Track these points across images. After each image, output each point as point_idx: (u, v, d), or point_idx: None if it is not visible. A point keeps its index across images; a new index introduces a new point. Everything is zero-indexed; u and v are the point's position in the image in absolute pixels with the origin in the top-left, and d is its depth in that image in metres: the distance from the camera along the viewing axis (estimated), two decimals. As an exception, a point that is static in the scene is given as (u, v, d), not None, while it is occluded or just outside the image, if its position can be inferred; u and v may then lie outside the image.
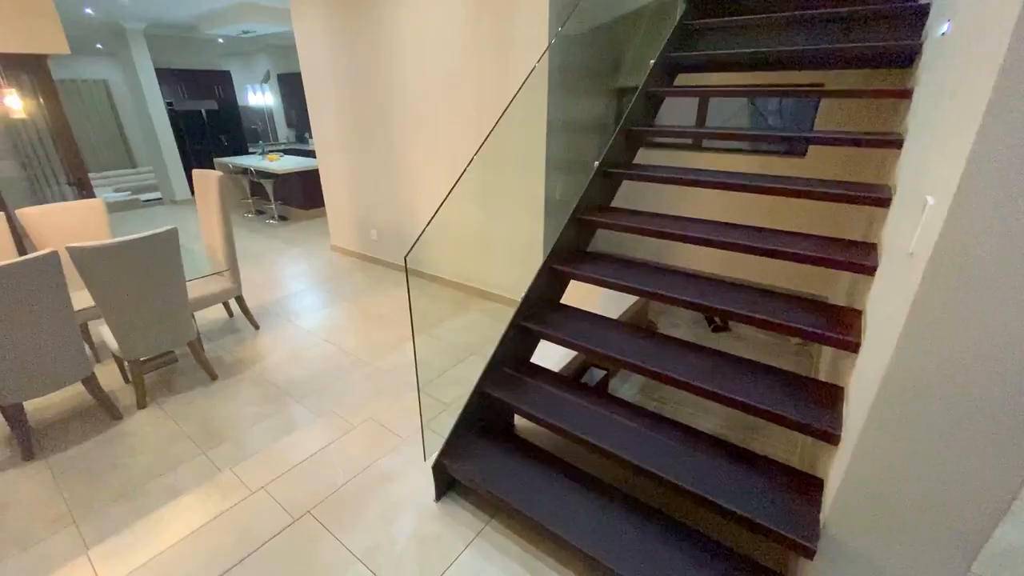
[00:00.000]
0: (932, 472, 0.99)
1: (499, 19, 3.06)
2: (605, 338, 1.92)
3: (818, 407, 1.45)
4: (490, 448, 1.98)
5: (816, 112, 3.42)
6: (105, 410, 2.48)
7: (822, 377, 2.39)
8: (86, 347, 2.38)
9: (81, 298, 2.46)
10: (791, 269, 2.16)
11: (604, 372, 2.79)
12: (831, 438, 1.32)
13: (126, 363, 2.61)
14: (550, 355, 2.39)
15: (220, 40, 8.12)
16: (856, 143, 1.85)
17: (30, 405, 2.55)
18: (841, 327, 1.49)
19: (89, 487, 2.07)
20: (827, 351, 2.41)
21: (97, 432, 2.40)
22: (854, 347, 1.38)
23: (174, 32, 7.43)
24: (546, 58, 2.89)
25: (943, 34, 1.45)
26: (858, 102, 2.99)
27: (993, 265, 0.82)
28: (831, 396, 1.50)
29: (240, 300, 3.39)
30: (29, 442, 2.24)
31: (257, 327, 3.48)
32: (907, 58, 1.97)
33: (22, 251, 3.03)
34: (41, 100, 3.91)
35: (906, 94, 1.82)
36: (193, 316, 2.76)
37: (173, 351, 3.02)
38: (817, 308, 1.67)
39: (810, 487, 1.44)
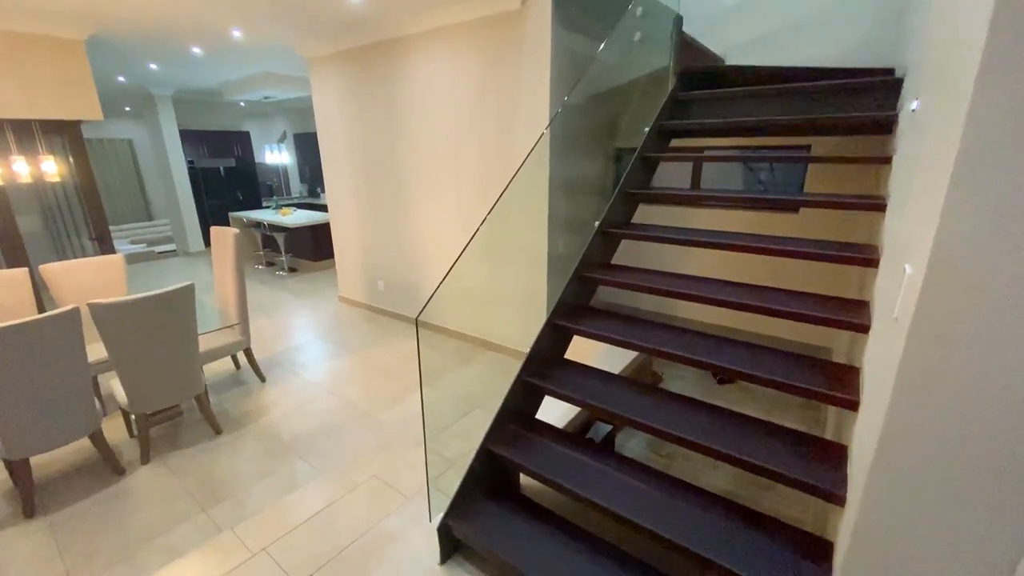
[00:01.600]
0: (937, 536, 0.99)
1: (503, 87, 3.30)
2: (610, 394, 1.94)
3: (823, 467, 1.45)
4: (496, 508, 1.95)
5: (806, 170, 3.60)
6: (108, 465, 2.47)
7: (829, 432, 2.37)
8: (95, 400, 2.41)
9: (93, 350, 2.52)
10: (793, 322, 2.21)
11: (610, 426, 2.78)
12: (836, 499, 1.31)
13: (133, 417, 2.62)
14: (555, 408, 2.40)
15: (242, 104, 8.65)
16: (843, 206, 1.95)
17: (34, 459, 2.54)
18: (841, 386, 1.52)
19: (89, 546, 2.03)
20: (832, 407, 2.40)
21: (99, 488, 2.38)
22: (853, 406, 1.40)
23: (199, 97, 7.95)
24: (548, 116, 3.09)
25: (913, 110, 1.58)
26: (845, 163, 3.14)
27: (969, 335, 0.87)
28: (836, 455, 1.51)
29: (248, 352, 3.44)
30: (32, 499, 2.22)
31: (263, 379, 3.50)
32: (886, 127, 2.12)
33: (40, 305, 3.13)
34: (71, 160, 4.15)
35: (886, 160, 1.94)
36: (202, 369, 2.80)
37: (179, 404, 3.03)
38: (817, 365, 1.70)
39: (820, 550, 1.41)
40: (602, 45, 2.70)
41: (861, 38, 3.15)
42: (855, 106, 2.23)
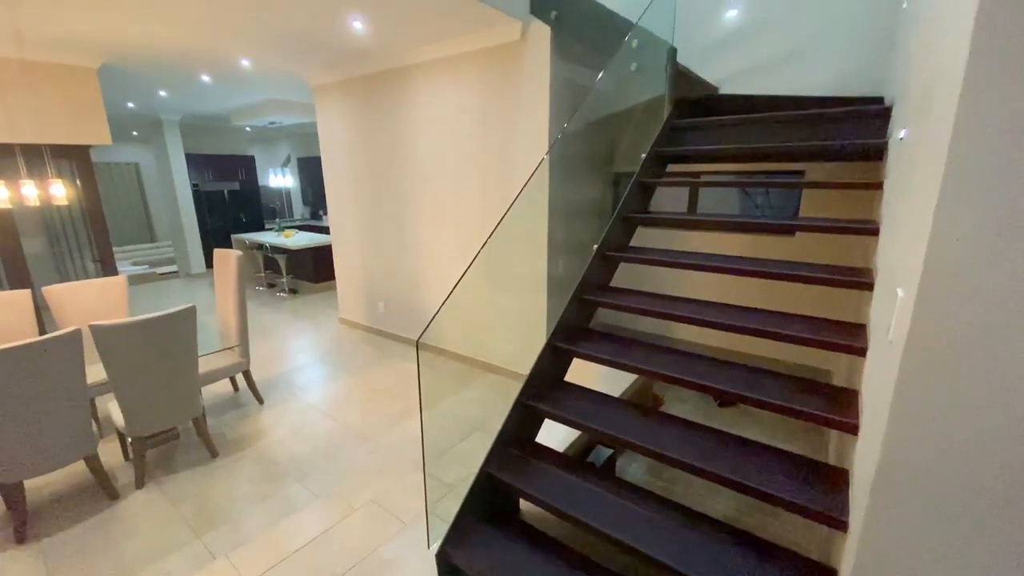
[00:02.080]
0: (939, 562, 0.98)
1: (504, 114, 3.39)
2: (610, 418, 1.94)
3: (825, 492, 1.44)
4: (495, 535, 1.92)
5: (800, 195, 3.66)
6: (103, 489, 2.44)
7: (831, 456, 2.35)
8: (93, 423, 2.39)
9: (92, 372, 2.51)
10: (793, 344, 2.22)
11: (611, 450, 2.75)
12: (838, 524, 1.30)
13: (129, 440, 2.60)
14: (556, 431, 2.38)
15: (247, 129, 8.84)
16: (837, 230, 1.98)
17: (28, 483, 2.51)
18: (840, 409, 1.52)
19: (80, 573, 1.99)
20: (834, 430, 2.39)
21: (92, 513, 2.34)
22: (853, 429, 1.40)
23: (206, 122, 8.13)
24: (548, 143, 3.16)
25: (901, 138, 1.63)
26: (838, 189, 3.20)
27: (963, 358, 0.88)
28: (838, 479, 1.50)
29: (247, 375, 3.43)
30: (24, 524, 2.18)
31: (262, 402, 3.48)
32: (877, 154, 2.17)
33: (41, 327, 3.13)
34: (79, 184, 4.22)
35: (878, 186, 1.99)
36: (200, 391, 2.79)
37: (176, 427, 3.01)
38: (817, 388, 1.70)
39: (826, 578, 1.39)
40: (600, 75, 2.78)
41: (851, 68, 3.26)
42: (846, 133, 2.29)
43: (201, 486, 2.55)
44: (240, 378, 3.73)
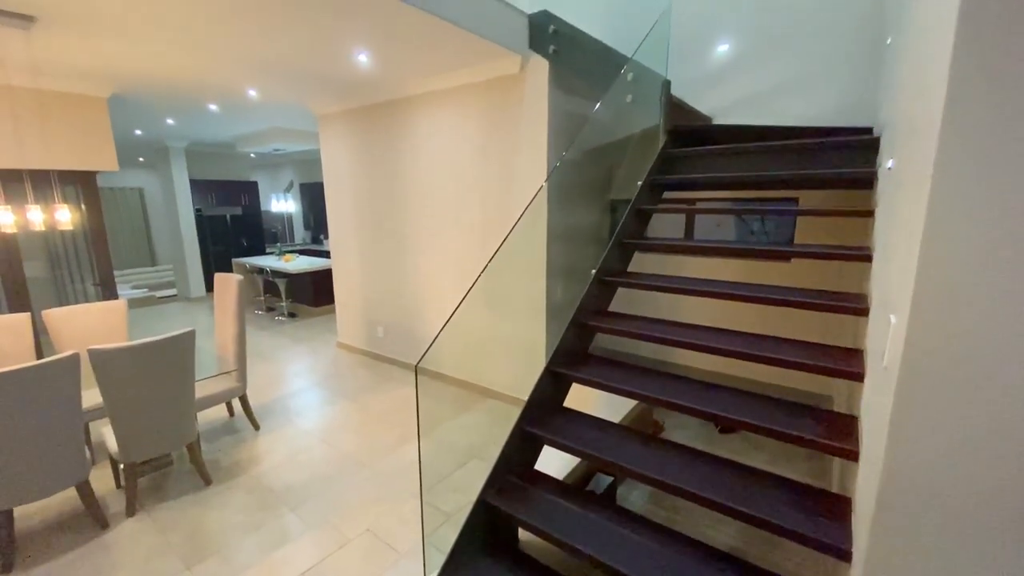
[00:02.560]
0: (946, 594, 0.96)
1: (503, 142, 3.48)
2: (610, 444, 1.92)
3: (829, 521, 1.42)
4: (493, 566, 1.88)
5: (795, 221, 3.71)
6: (93, 517, 2.38)
7: (835, 484, 2.32)
8: (86, 449, 2.36)
9: (87, 397, 2.49)
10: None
11: (611, 478, 2.71)
12: (842, 554, 1.28)
13: (121, 466, 2.56)
14: (555, 458, 2.35)
15: (252, 155, 9.02)
16: (831, 256, 2.01)
17: (17, 510, 2.46)
18: (841, 435, 1.52)
19: (62, 609, 1.93)
20: (836, 457, 2.36)
21: (81, 542, 2.28)
22: (854, 456, 1.39)
23: (211, 149, 8.29)
24: (546, 171, 3.23)
25: (889, 168, 1.67)
26: (831, 216, 3.26)
27: (957, 385, 0.89)
28: (841, 508, 1.48)
29: (244, 399, 3.40)
30: (11, 553, 2.13)
31: (257, 427, 3.44)
32: (867, 182, 2.22)
33: (39, 350, 3.13)
34: (84, 208, 4.27)
35: (869, 214, 2.03)
36: (196, 417, 2.76)
37: (170, 453, 2.96)
38: (818, 414, 1.70)
39: (832, 612, 1.36)
40: (596, 106, 2.87)
41: (841, 99, 3.36)
42: (838, 162, 2.35)
43: (193, 515, 2.49)
44: (236, 403, 3.69)
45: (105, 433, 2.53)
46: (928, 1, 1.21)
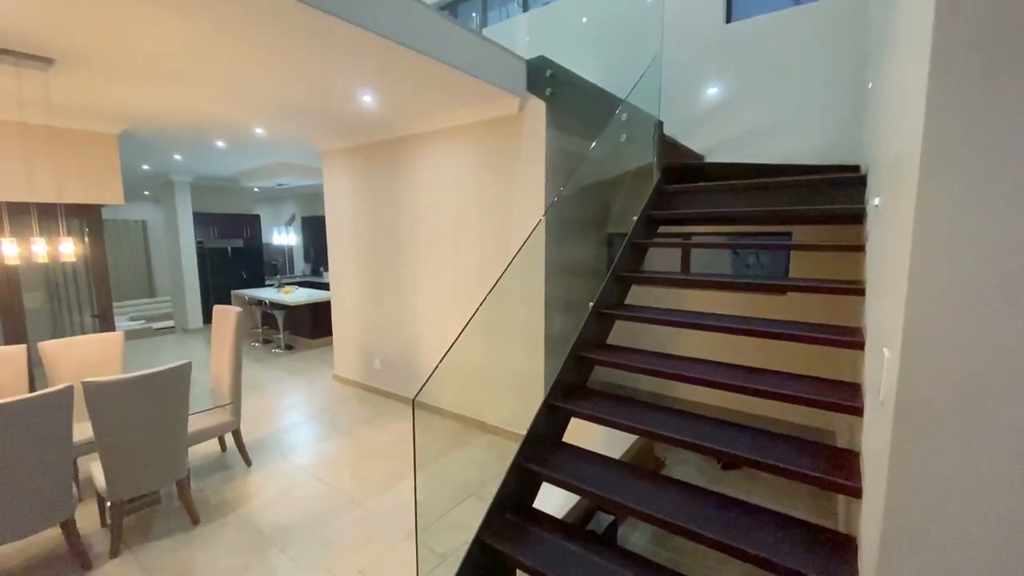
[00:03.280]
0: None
1: (502, 179, 3.57)
2: (611, 481, 1.88)
3: (834, 560, 1.38)
4: (489, 609, 1.80)
5: (789, 255, 3.77)
6: (76, 557, 2.30)
7: (840, 522, 2.26)
8: (73, 486, 2.30)
9: (77, 431, 2.44)
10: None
11: (612, 517, 2.63)
12: (851, 598, 1.24)
13: (108, 503, 2.48)
14: (554, 495, 2.30)
15: (255, 189, 9.19)
16: (825, 290, 2.04)
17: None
18: (843, 471, 1.50)
19: (36, 659, 1.83)
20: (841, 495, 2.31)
21: (60, 587, 2.19)
22: (857, 493, 1.37)
23: (216, 183, 8.46)
24: (544, 206, 3.30)
25: (876, 205, 1.73)
26: (823, 251, 3.31)
27: (954, 419, 0.90)
28: (847, 548, 1.44)
29: (236, 434, 3.34)
30: (-16, 599, 2.04)
31: (249, 463, 3.36)
32: (857, 218, 2.28)
33: (32, 383, 3.09)
34: (87, 241, 4.31)
35: (860, 248, 2.07)
36: (187, 452, 2.71)
37: (158, 491, 2.88)
38: (820, 450, 1.68)
39: (843, 661, 1.30)
40: (592, 144, 2.97)
41: (830, 137, 3.48)
42: (827, 199, 2.42)
43: (179, 556, 2.40)
44: (229, 437, 3.62)
45: (93, 468, 2.47)
46: (903, 50, 1.29)
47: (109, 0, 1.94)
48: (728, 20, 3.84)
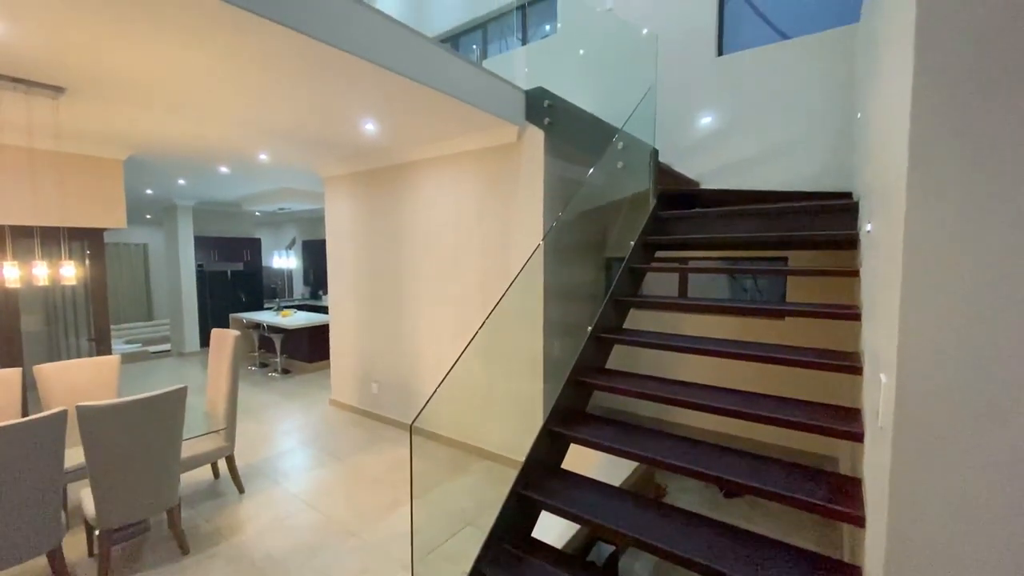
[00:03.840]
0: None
1: (501, 205, 3.62)
2: (611, 509, 1.85)
3: (840, 592, 1.35)
4: (486, 645, 1.74)
5: (786, 280, 3.79)
6: (58, 592, 2.22)
7: (847, 548, 2.21)
8: (62, 513, 2.25)
9: (68, 456, 2.40)
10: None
11: (613, 547, 2.57)
12: (858, 632, 1.21)
13: (96, 532, 2.42)
14: (553, 524, 2.25)
15: (257, 213, 9.29)
16: (822, 315, 2.05)
17: (-25, 586, 2.29)
18: (846, 499, 1.48)
19: None
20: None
21: (41, 622, 2.12)
22: (860, 522, 1.35)
23: (218, 207, 8.55)
24: (542, 231, 3.34)
25: (868, 231, 1.76)
26: (818, 276, 3.34)
27: (949, 440, 0.90)
28: (852, 579, 1.41)
29: (230, 460, 3.28)
30: (-38, 635, 1.97)
31: (242, 490, 3.29)
32: (851, 243, 2.31)
33: (25, 407, 3.05)
34: (88, 264, 4.33)
35: (855, 274, 2.09)
36: (179, 479, 2.65)
37: (148, 519, 2.81)
38: (822, 477, 1.66)
39: None
40: (590, 171, 3.03)
41: (822, 165, 3.55)
42: (821, 225, 2.45)
43: (166, 588, 2.33)
44: (222, 464, 3.55)
45: (83, 496, 2.42)
46: (887, 81, 1.34)
47: (123, 32, 2.02)
48: (720, 53, 3.98)
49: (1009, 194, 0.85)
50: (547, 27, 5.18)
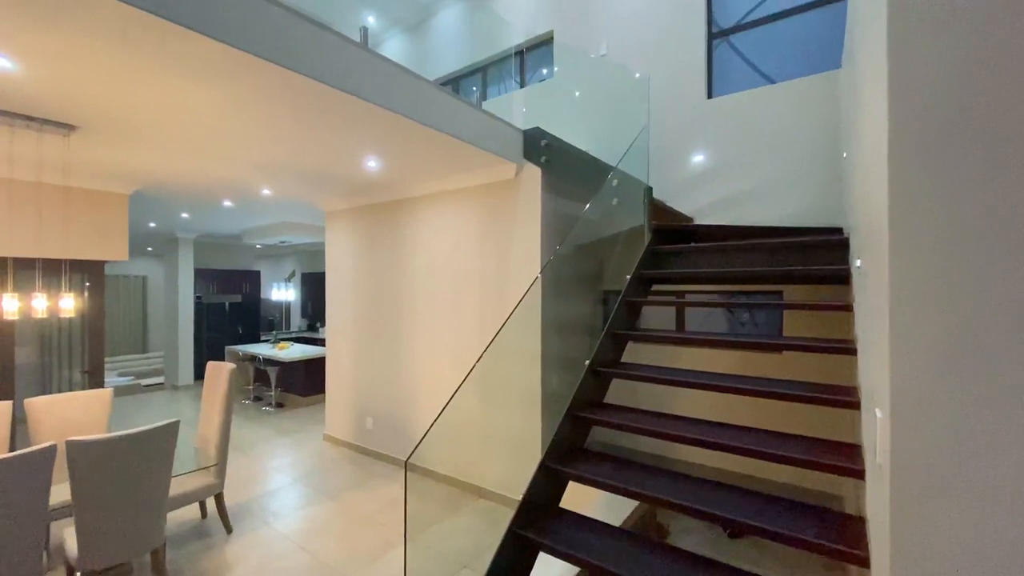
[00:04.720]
0: None
1: (499, 240, 3.68)
2: (611, 551, 1.80)
3: (849, 640, 1.30)
4: None
5: (782, 314, 3.81)
6: (32, 641, 2.11)
7: (856, 599, 2.13)
8: (43, 554, 2.16)
9: (53, 493, 2.33)
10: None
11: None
12: None
13: (78, 574, 2.32)
14: (552, 567, 2.17)
15: (257, 246, 9.38)
16: (819, 349, 2.06)
17: (-55, 634, 2.18)
18: (850, 539, 1.44)
19: None
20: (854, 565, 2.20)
21: (11, 674, 2.00)
22: (865, 563, 1.32)
23: (219, 240, 8.65)
24: (539, 266, 3.38)
25: (859, 267, 1.79)
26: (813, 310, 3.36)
27: (946, 481, 0.89)
28: (861, 625, 1.36)
29: (219, 498, 3.19)
30: None
31: (230, 530, 3.18)
32: (843, 278, 2.34)
33: (12, 441, 2.98)
34: (87, 296, 4.33)
35: (848, 308, 2.11)
36: (165, 518, 2.57)
37: (130, 560, 2.70)
38: (827, 516, 1.62)
39: None
40: (586, 207, 3.11)
41: (813, 202, 3.64)
42: (812, 260, 2.50)
43: (146, 637, 2.22)
44: (211, 502, 3.45)
45: (66, 535, 2.34)
46: (865, 127, 1.40)
47: (135, 72, 2.10)
48: (709, 96, 4.14)
49: (982, 231, 0.88)
50: (544, 71, 5.41)
